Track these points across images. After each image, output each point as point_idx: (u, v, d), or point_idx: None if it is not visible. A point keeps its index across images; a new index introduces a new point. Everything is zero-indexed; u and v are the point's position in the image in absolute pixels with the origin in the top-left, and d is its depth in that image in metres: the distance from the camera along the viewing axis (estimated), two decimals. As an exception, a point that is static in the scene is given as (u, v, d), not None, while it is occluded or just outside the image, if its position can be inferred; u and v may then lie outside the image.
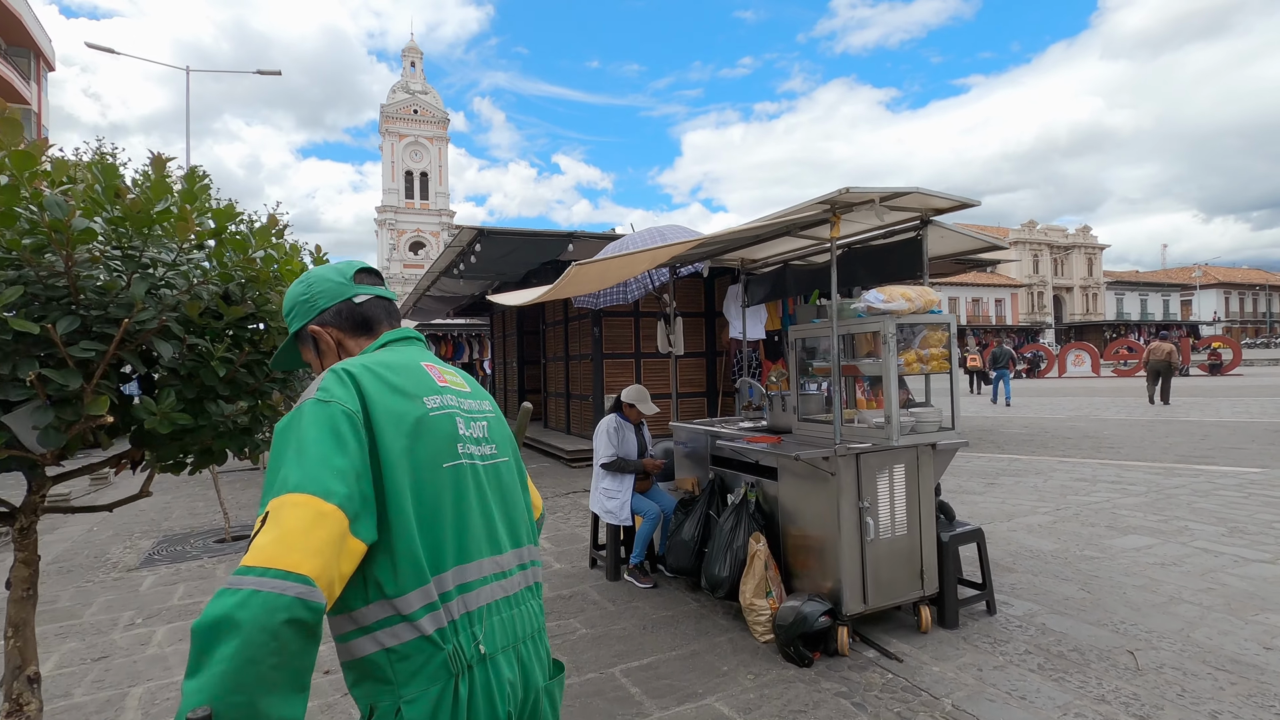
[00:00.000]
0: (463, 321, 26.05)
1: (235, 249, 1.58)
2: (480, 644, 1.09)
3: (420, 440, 1.10)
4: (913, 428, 3.34)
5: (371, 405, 1.07)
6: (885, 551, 3.42)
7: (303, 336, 1.31)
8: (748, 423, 4.62)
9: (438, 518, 1.09)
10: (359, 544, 0.97)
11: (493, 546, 1.18)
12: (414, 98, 65.57)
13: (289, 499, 0.93)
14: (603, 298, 6.17)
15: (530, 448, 11.81)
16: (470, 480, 1.17)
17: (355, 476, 0.99)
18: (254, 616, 0.83)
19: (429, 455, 1.11)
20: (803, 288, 4.59)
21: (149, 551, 5.87)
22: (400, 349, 1.28)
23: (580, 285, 3.85)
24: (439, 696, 1.03)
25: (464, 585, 1.11)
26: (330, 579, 0.91)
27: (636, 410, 4.59)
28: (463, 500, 1.14)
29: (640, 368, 10.77)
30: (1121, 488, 6.85)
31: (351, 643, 1.04)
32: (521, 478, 1.34)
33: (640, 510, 4.46)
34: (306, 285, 1.31)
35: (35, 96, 30.69)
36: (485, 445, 1.24)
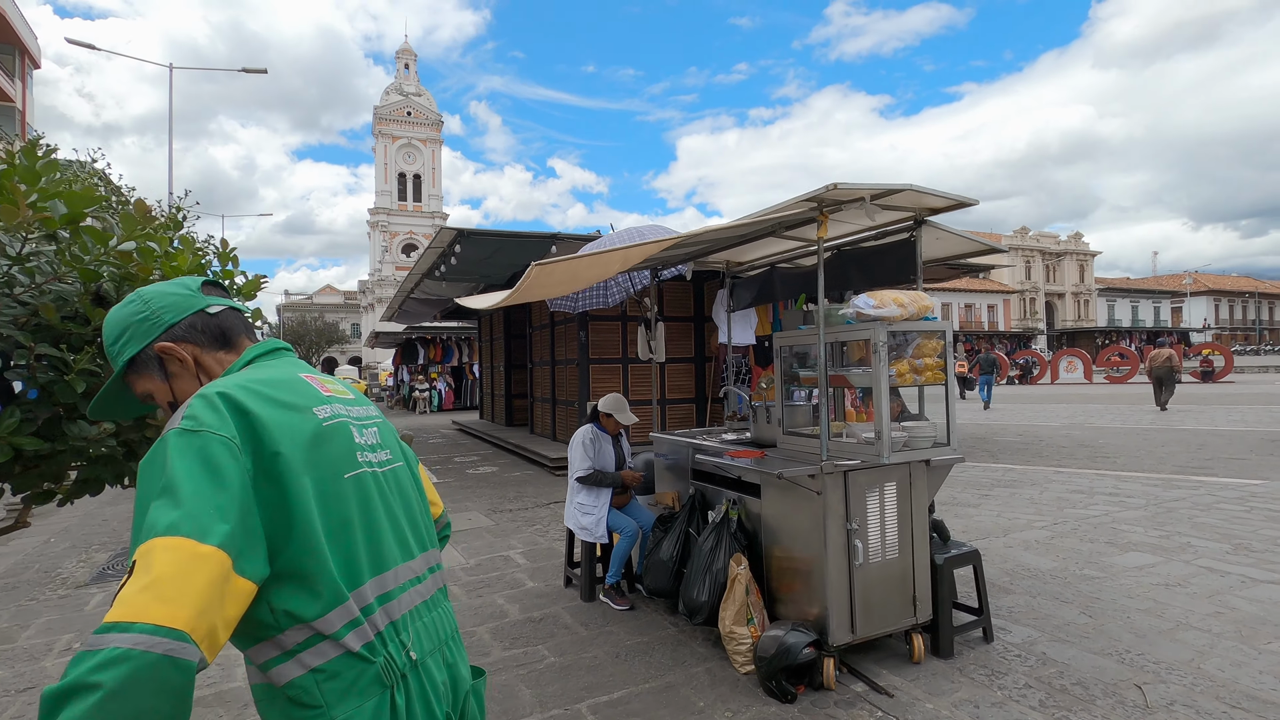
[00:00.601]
0: (452, 324, 25.77)
1: (96, 240, 1.32)
2: (410, 651, 1.08)
3: (319, 453, 1.04)
4: (905, 443, 3.10)
5: (261, 427, 0.98)
6: (875, 576, 3.17)
7: (141, 362, 1.12)
8: (731, 434, 4.37)
9: (348, 531, 1.04)
10: (246, 584, 0.89)
11: (405, 553, 1.15)
12: (407, 100, 65.27)
13: (159, 543, 0.83)
14: (581, 301, 5.92)
15: (514, 454, 11.54)
16: (374, 488, 1.12)
17: (238, 511, 0.90)
18: (115, 680, 0.73)
19: (331, 468, 1.05)
20: (791, 292, 4.36)
21: (104, 565, 5.57)
22: (272, 363, 1.16)
23: (547, 287, 3.60)
24: (375, 710, 1.00)
25: (384, 595, 1.07)
26: (211, 628, 0.83)
27: (614, 420, 4.34)
28: (370, 509, 1.10)
29: (627, 374, 10.52)
30: (1120, 500, 6.64)
31: (274, 670, 0.98)
32: (416, 481, 1.31)
33: (617, 527, 4.21)
34: (142, 302, 1.13)
35: (20, 94, 30.27)
36: (380, 451, 1.19)
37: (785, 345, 3.63)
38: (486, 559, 5.34)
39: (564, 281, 3.48)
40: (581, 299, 5.88)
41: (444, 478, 9.53)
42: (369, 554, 1.06)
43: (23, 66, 30.63)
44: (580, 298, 5.87)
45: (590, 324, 10.13)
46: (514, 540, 5.88)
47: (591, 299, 5.80)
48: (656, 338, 4.66)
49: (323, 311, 66.38)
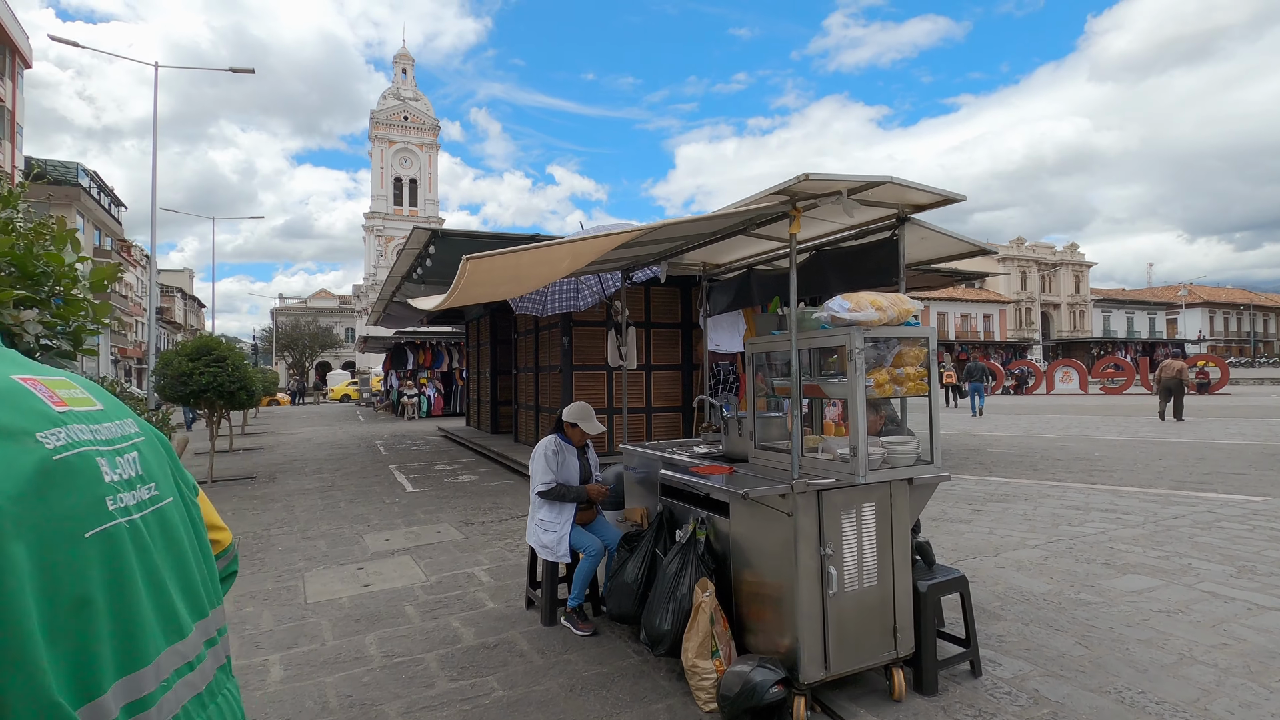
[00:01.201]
0: (442, 329, 25.48)
1: None
2: None
3: (45, 505, 0.70)
4: (885, 460, 2.83)
5: None
6: (851, 606, 2.89)
7: None
8: (704, 447, 4.09)
9: (84, 618, 0.72)
10: None
11: (172, 632, 0.83)
12: (404, 104, 65.15)
13: None
14: (550, 303, 5.64)
15: (496, 462, 11.24)
16: (130, 546, 0.79)
17: None
18: None
19: (62, 526, 0.71)
20: (768, 296, 4.10)
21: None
22: None
23: (489, 286, 3.33)
24: None
25: (137, 703, 0.75)
26: None
27: (579, 430, 4.06)
28: (123, 580, 0.77)
29: (612, 380, 10.24)
30: (1117, 517, 6.37)
31: None
32: (194, 518, 0.96)
33: (580, 545, 3.92)
34: None
35: (10, 93, 30.00)
36: (142, 488, 0.84)
37: (758, 352, 3.36)
38: (449, 576, 5.04)
39: (507, 280, 3.21)
40: (550, 301, 5.60)
41: (421, 486, 9.23)
42: (116, 647, 0.75)
43: (13, 66, 30.36)
44: (549, 300, 5.59)
45: (574, 329, 9.86)
46: (481, 555, 5.59)
47: (561, 301, 5.52)
48: (627, 343, 4.39)
49: (316, 316, 66.03)
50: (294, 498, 8.54)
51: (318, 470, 11.09)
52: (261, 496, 8.67)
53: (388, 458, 12.68)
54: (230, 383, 9.62)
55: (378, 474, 10.56)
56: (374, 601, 4.52)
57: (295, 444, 15.84)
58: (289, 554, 5.78)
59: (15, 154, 30.81)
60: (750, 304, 4.34)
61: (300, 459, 12.76)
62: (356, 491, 8.91)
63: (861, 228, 3.35)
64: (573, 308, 5.59)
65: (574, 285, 5.25)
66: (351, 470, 11.03)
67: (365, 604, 4.48)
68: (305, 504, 8.08)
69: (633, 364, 4.61)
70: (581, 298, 5.37)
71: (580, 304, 5.46)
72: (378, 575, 5.10)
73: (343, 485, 9.48)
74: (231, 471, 11.11)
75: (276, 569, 5.34)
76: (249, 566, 5.44)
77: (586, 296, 5.36)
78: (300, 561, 5.54)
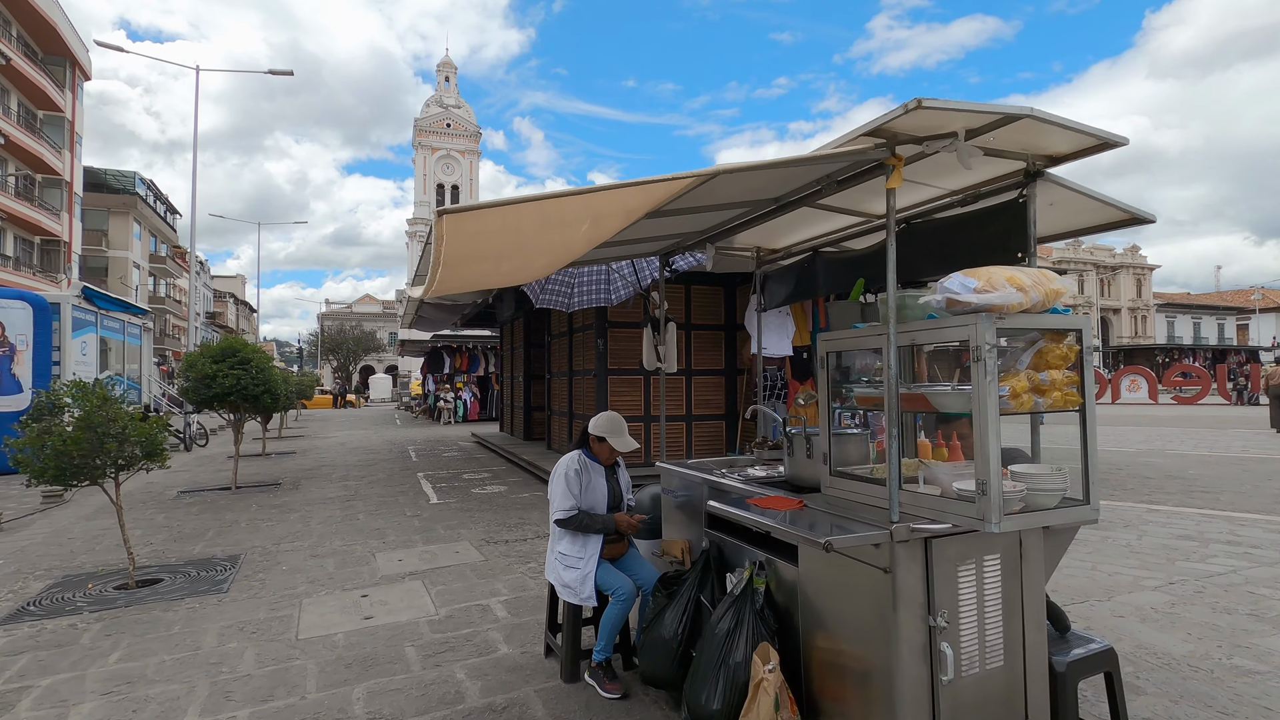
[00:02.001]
0: (478, 333, 25.20)
1: None
2: None
3: None
4: (1022, 500, 2.07)
5: None
6: (970, 695, 2.14)
7: None
8: (760, 469, 3.37)
9: None
10: None
11: None
12: (447, 112, 65.96)
13: None
14: (577, 295, 4.97)
15: (526, 471, 10.65)
16: None
17: None
18: None
19: None
20: (838, 283, 3.36)
21: (32, 598, 4.82)
22: None
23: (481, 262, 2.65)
24: None
25: None
26: None
27: (608, 446, 3.38)
28: None
29: (649, 386, 9.56)
30: (1244, 552, 5.39)
31: None
32: None
33: (609, 586, 3.23)
34: None
35: (69, 105, 30.98)
36: None
37: (834, 351, 2.63)
38: (461, 609, 4.41)
39: (508, 254, 2.55)
40: (579, 292, 4.92)
41: (446, 497, 8.68)
42: None
43: (73, 78, 31.36)
44: (576, 291, 4.92)
45: (610, 330, 9.22)
46: (500, 583, 4.95)
47: (590, 293, 4.85)
48: (665, 341, 3.71)
49: (360, 320, 67.16)
50: (313, 508, 8.07)
51: (344, 477, 10.68)
52: (281, 505, 8.23)
53: (417, 464, 12.23)
54: (254, 386, 9.26)
55: (404, 482, 10.07)
56: (372, 640, 3.91)
57: (328, 448, 15.59)
58: (292, 575, 5.24)
59: (75, 163, 31.83)
60: (814, 294, 3.61)
61: (329, 464, 12.41)
62: (379, 502, 8.41)
63: (970, 191, 2.60)
64: (604, 301, 4.93)
65: (605, 274, 4.59)
66: (378, 478, 10.58)
67: (362, 643, 3.87)
68: (323, 515, 7.59)
69: (672, 367, 3.93)
70: (614, 289, 4.70)
71: (612, 297, 4.80)
72: (382, 605, 4.50)
73: (366, 494, 9.00)
74: (258, 477, 10.78)
75: (275, 593, 4.80)
76: (248, 589, 4.91)
77: (620, 288, 4.68)
78: (302, 585, 4.99)
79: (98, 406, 4.75)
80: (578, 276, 4.62)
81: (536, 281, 4.71)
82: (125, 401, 4.98)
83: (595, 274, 4.63)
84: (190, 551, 6.05)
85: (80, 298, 13.80)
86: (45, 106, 29.11)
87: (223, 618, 4.33)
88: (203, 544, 6.31)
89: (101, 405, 4.77)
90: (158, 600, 4.70)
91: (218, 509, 8.05)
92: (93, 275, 35.33)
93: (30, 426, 4.68)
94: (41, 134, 28.18)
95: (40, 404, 4.78)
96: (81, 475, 4.75)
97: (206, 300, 63.59)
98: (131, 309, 16.94)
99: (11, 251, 26.78)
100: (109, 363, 15.59)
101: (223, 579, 5.17)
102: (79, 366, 13.53)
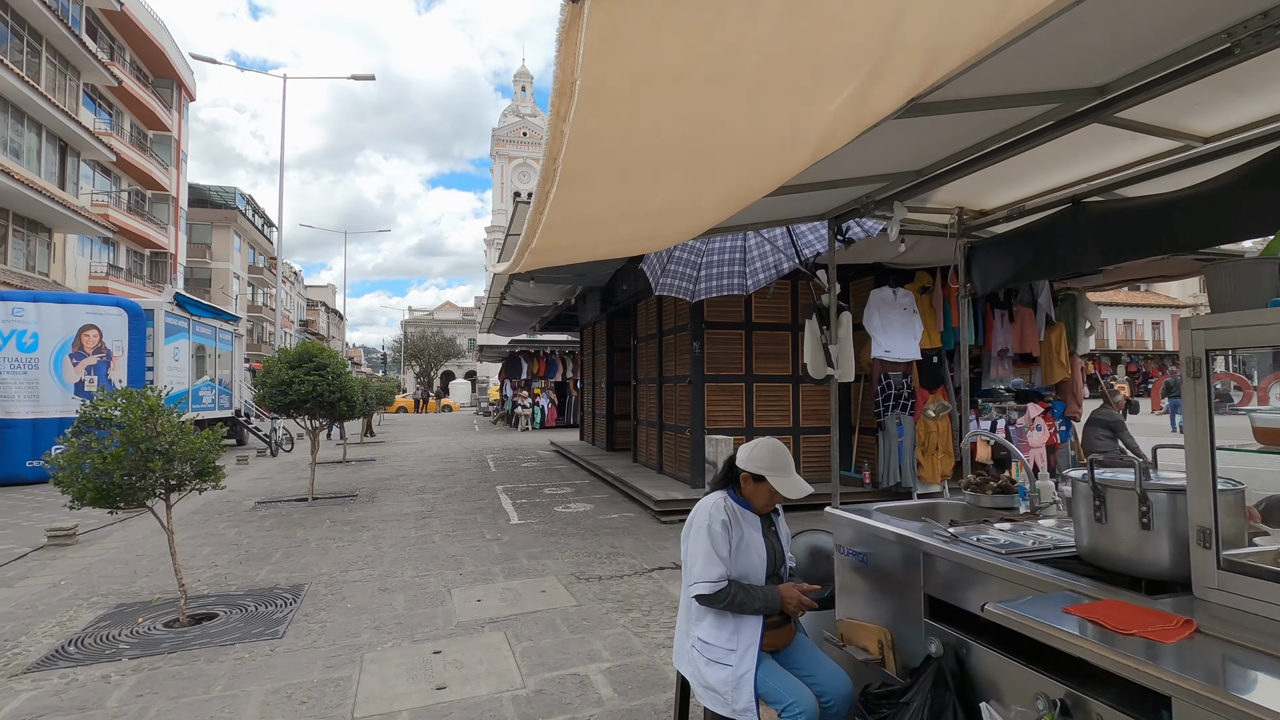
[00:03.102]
0: (556, 337, 24.72)
1: None
2: None
3: None
4: None
5: None
6: None
7: None
8: (1005, 526, 2.25)
9: None
10: None
11: None
12: (523, 120, 66.87)
13: None
14: (703, 280, 3.95)
15: (612, 487, 9.76)
16: None
17: None
18: None
19: None
20: (1122, 247, 2.21)
21: (76, 634, 4.25)
22: None
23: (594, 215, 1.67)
24: None
25: None
26: None
27: (767, 488, 2.36)
28: None
29: (752, 395, 8.48)
30: None
31: None
32: None
33: (776, 697, 2.20)
34: None
35: (176, 124, 32.77)
36: None
37: (1223, 347, 1.51)
38: (553, 679, 3.49)
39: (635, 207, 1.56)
40: (706, 276, 3.89)
41: (527, 516, 7.88)
42: None
43: (179, 99, 33.17)
44: (703, 275, 3.89)
45: (706, 332, 8.21)
46: (599, 641, 4.01)
47: (720, 276, 3.82)
48: (839, 339, 2.65)
49: (441, 327, 68.90)
50: (387, 525, 7.44)
51: (420, 489, 10.11)
52: (354, 522, 7.65)
53: (496, 476, 11.58)
54: (330, 392, 8.79)
55: (483, 496, 9.38)
56: (444, 725, 3.04)
57: (407, 455, 15.27)
58: (356, 617, 4.48)
59: (181, 180, 33.66)
60: (1066, 269, 2.48)
61: (407, 474, 11.94)
62: (455, 521, 7.69)
63: None
64: (737, 288, 3.92)
65: (740, 252, 3.60)
66: (455, 490, 9.95)
67: (431, 728, 3.01)
68: (396, 535, 6.92)
69: (849, 374, 2.88)
70: (751, 271, 3.67)
71: (749, 282, 3.78)
72: (457, 669, 3.64)
73: (442, 510, 8.32)
74: (335, 487, 10.38)
75: (334, 642, 4.04)
76: (306, 633, 4.19)
77: (759, 270, 3.65)
78: (366, 630, 4.22)
79: (143, 418, 4.13)
80: (705, 255, 3.67)
81: (657, 259, 3.81)
82: (176, 413, 4.35)
83: (729, 251, 3.65)
84: (254, 578, 5.44)
85: (173, 304, 13.99)
86: (154, 126, 30.84)
87: (272, 675, 3.58)
88: (268, 568, 5.70)
89: (148, 417, 4.16)
90: (205, 645, 4.03)
91: (290, 524, 7.54)
92: (198, 286, 37.37)
93: (70, 441, 4.10)
94: (151, 152, 29.84)
95: (85, 414, 4.22)
96: (125, 497, 4.14)
97: (300, 309, 66.88)
98: (223, 315, 17.25)
99: (124, 263, 28.41)
100: (204, 369, 15.86)
101: (281, 618, 4.47)
102: (171, 372, 13.69)
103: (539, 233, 1.70)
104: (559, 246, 2.09)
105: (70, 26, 21.03)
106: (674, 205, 1.72)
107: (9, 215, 19.32)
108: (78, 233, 22.81)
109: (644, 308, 10.72)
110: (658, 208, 1.71)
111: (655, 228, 2.03)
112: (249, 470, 12.72)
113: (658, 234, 2.18)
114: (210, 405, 16.02)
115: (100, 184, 26.04)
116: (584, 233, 1.99)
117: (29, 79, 18.86)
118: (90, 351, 11.85)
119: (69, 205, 20.57)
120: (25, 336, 11.49)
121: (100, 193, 25.63)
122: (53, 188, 20.69)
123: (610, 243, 2.36)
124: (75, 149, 22.74)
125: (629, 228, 1.96)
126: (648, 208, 1.71)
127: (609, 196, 1.55)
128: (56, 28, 20.38)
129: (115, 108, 27.46)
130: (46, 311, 11.60)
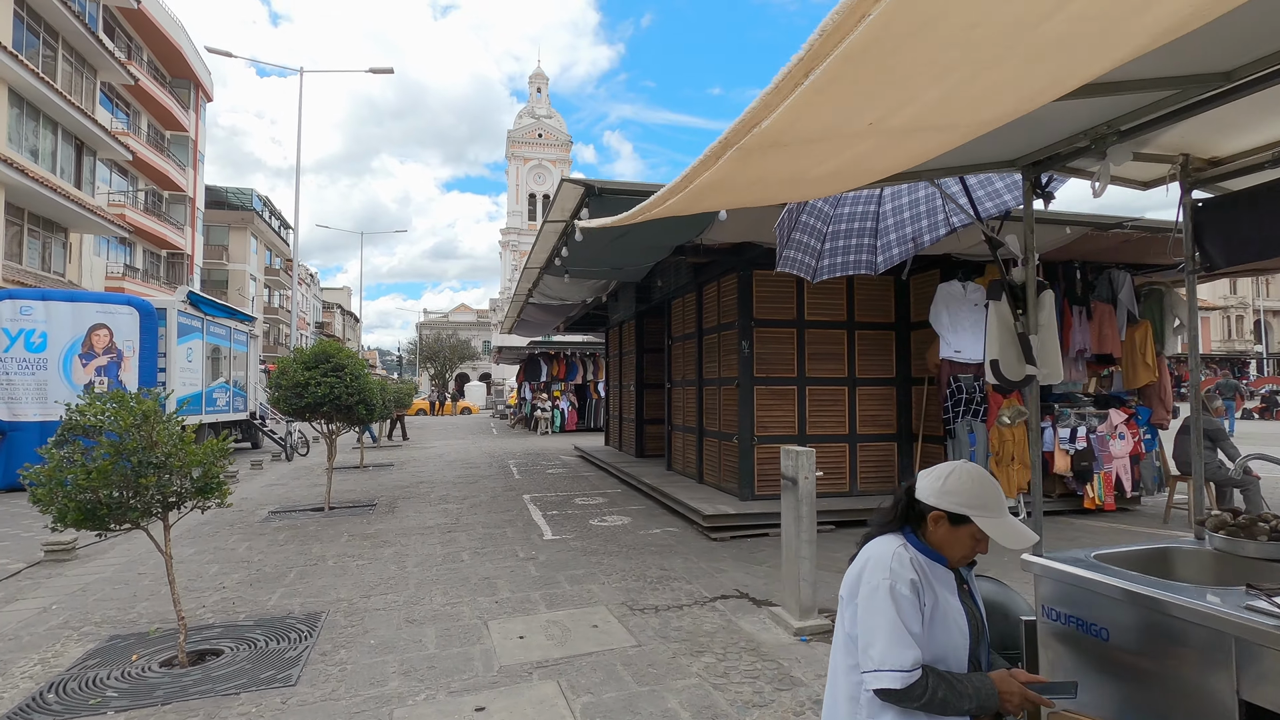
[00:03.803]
0: (576, 339, 24.13)
1: None
2: None
3: None
4: None
5: None
6: None
7: None
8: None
9: None
10: None
11: None
12: (538, 122, 66.50)
13: None
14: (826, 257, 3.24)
15: (648, 498, 9.09)
16: None
17: None
18: None
19: None
20: None
21: (58, 677, 3.65)
22: None
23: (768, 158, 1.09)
24: None
25: None
26: None
27: (971, 534, 1.68)
28: None
29: (805, 399, 7.78)
30: None
31: None
32: None
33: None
34: None
35: (193, 124, 32.57)
36: None
37: None
38: (627, 752, 2.83)
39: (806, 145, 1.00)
40: (830, 250, 3.20)
41: (561, 530, 7.24)
42: None
43: (196, 99, 32.97)
44: (827, 249, 3.21)
45: (756, 330, 7.53)
46: (672, 696, 3.33)
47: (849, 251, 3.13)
48: (1040, 326, 1.97)
49: (456, 329, 68.59)
50: (410, 540, 6.81)
51: (443, 498, 9.49)
52: (374, 536, 7.03)
53: (521, 484, 10.95)
54: (348, 395, 8.20)
55: (510, 507, 8.75)
56: (499, 821, 2.38)
57: (426, 460, 14.70)
58: (381, 657, 3.85)
59: (197, 180, 33.47)
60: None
61: (428, 480, 11.35)
62: (484, 535, 7.06)
63: None
64: (865, 266, 3.26)
65: (873, 220, 2.94)
66: (480, 500, 9.32)
67: (483, 827, 2.35)
68: (421, 553, 6.29)
69: (1058, 374, 2.20)
70: (885, 246, 2.99)
71: (878, 260, 3.10)
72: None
73: (468, 523, 7.69)
74: (352, 495, 9.80)
75: (356, 693, 3.40)
76: (323, 678, 3.55)
77: (892, 245, 2.97)
78: (394, 676, 3.58)
79: (135, 425, 3.52)
80: (834, 222, 3.03)
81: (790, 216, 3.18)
82: (174, 419, 3.74)
83: (859, 219, 3.00)
84: (265, 603, 4.83)
85: (186, 303, 13.51)
86: (171, 127, 30.64)
87: (282, 741, 2.95)
88: (280, 591, 5.09)
89: (140, 424, 3.54)
90: (205, 695, 3.40)
91: (305, 537, 6.94)
92: (214, 287, 37.17)
93: (50, 453, 3.50)
94: (168, 153, 29.62)
95: (69, 421, 3.63)
96: (115, 517, 3.53)
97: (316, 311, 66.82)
98: (238, 315, 16.79)
99: (141, 264, 28.18)
100: (218, 370, 15.40)
101: (295, 657, 3.85)
102: (185, 373, 13.20)
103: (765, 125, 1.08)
104: (747, 177, 1.46)
105: (87, 24, 20.75)
106: (930, 118, 1.12)
107: (25, 214, 19.02)
108: (94, 232, 22.53)
109: (679, 305, 10.06)
110: (906, 120, 1.12)
111: (880, 152, 1.40)
112: (263, 475, 12.19)
113: (858, 168, 1.54)
114: (225, 408, 15.56)
115: (117, 184, 25.81)
116: (797, 157, 1.38)
117: (46, 77, 18.56)
118: (100, 351, 11.37)
119: (85, 205, 20.26)
120: (34, 336, 11.04)
121: (117, 192, 25.39)
122: (69, 187, 20.39)
123: (802, 182, 1.72)
124: (92, 148, 22.46)
125: (855, 149, 1.33)
126: (895, 119, 1.11)
127: (875, 100, 0.96)
128: (74, 25, 20.09)
129: (132, 107, 27.24)
130: (55, 310, 11.14)
